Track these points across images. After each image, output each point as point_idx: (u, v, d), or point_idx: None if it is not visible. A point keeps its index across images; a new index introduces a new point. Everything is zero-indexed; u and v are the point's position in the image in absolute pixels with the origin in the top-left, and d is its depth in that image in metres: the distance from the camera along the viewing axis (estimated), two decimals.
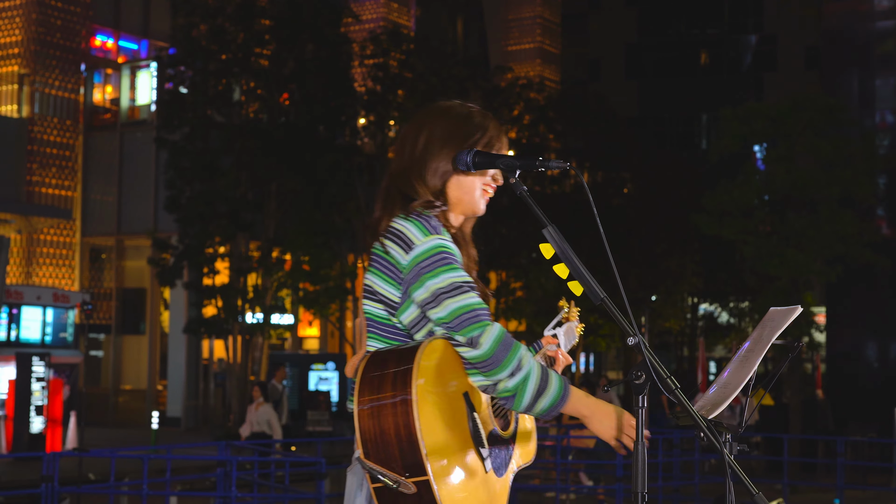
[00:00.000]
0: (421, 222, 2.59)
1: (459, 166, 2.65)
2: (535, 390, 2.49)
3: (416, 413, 2.38)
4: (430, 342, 2.48)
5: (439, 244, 2.57)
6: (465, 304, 2.51)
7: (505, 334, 2.50)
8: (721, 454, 2.41)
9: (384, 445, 2.41)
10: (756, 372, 2.81)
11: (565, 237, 2.49)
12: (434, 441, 2.40)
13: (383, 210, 2.70)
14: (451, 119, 2.73)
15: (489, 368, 2.47)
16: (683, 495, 14.42)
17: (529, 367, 2.49)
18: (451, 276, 2.54)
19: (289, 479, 11.91)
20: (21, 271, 26.98)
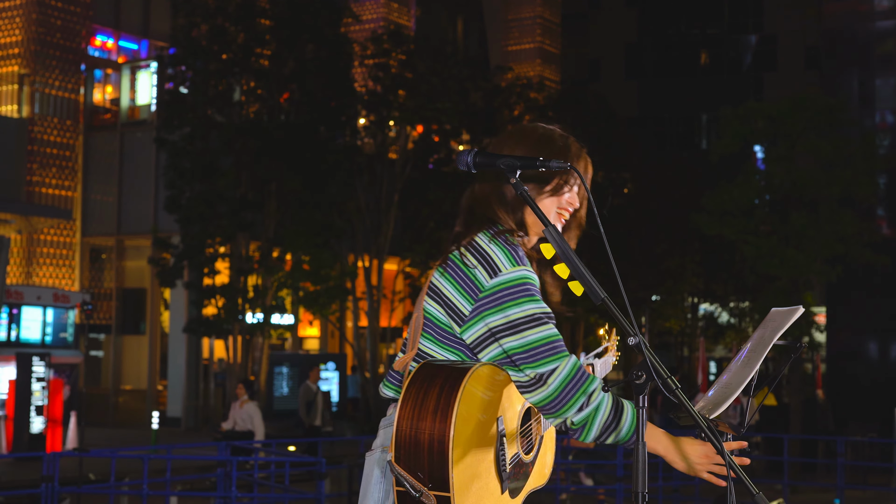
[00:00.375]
0: (509, 250, 2.61)
1: (460, 167, 2.65)
2: (602, 425, 2.56)
3: (452, 433, 2.43)
4: (480, 367, 2.52)
5: (524, 275, 2.59)
6: (543, 335, 2.54)
7: (577, 371, 2.53)
8: (721, 454, 2.41)
9: (416, 454, 2.47)
10: (758, 371, 2.81)
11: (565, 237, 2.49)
12: (462, 461, 2.46)
13: (466, 228, 2.71)
14: (532, 145, 2.74)
15: (555, 410, 2.53)
16: (683, 495, 14.43)
17: (598, 401, 2.54)
18: (532, 308, 2.56)
19: (289, 479, 11.91)
20: (21, 271, 26.98)
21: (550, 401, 2.52)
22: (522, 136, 2.78)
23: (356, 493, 12.88)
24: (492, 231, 2.65)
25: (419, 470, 2.47)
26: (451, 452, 2.42)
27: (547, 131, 2.80)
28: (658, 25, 48.90)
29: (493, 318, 2.56)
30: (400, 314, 30.55)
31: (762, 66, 47.12)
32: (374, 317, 26.34)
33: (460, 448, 2.45)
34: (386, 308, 28.88)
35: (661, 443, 2.65)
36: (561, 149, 2.75)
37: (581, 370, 2.54)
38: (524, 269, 2.60)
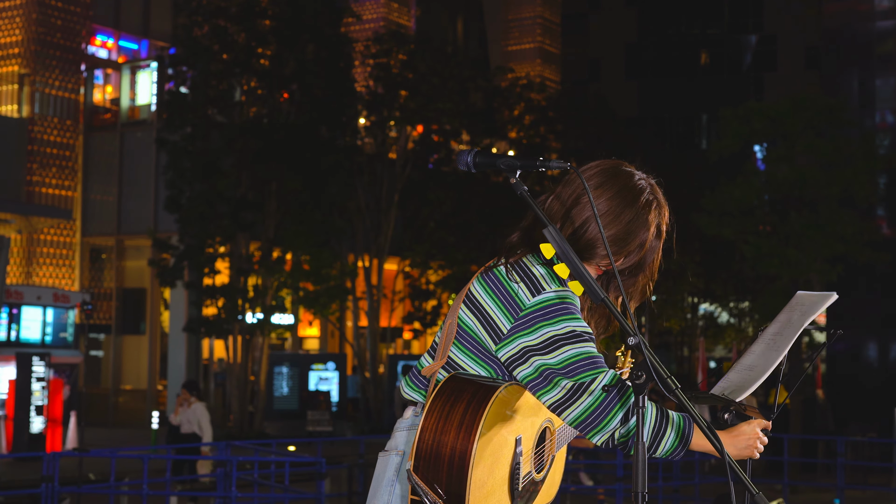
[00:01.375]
0: (554, 273, 2.60)
1: (460, 167, 2.65)
2: (650, 437, 2.52)
3: (474, 450, 2.43)
4: (508, 386, 2.52)
5: (566, 295, 2.57)
6: (582, 351, 2.52)
7: (618, 381, 2.50)
8: (721, 454, 2.41)
9: (435, 466, 2.48)
10: (785, 357, 2.81)
11: (565, 237, 2.49)
12: (480, 479, 2.46)
13: (522, 243, 2.68)
14: (621, 201, 2.69)
15: (597, 423, 2.49)
16: (683, 495, 14.42)
17: (646, 411, 2.50)
18: (572, 325, 2.54)
19: (289, 479, 11.90)
20: (21, 271, 26.98)
21: (590, 412, 2.48)
22: (615, 179, 2.72)
23: (356, 493, 12.89)
24: (543, 259, 2.61)
25: (437, 482, 2.48)
26: (470, 469, 2.43)
27: (639, 185, 2.74)
28: (658, 25, 48.90)
29: (529, 338, 2.54)
30: (400, 314, 30.56)
31: (762, 66, 47.13)
32: (374, 317, 26.34)
33: (480, 465, 2.45)
34: (386, 308, 28.88)
35: (704, 443, 2.60)
36: (642, 212, 2.70)
37: (622, 382, 2.50)
38: (565, 289, 2.58)
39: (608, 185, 2.72)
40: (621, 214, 2.69)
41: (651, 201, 2.75)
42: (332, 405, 22.80)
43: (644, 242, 2.72)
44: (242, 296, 22.29)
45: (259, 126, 22.61)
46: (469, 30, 41.92)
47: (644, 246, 2.72)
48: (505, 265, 2.63)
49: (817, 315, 2.81)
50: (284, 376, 23.77)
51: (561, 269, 2.53)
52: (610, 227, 2.67)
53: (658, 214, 2.76)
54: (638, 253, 2.73)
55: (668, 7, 48.71)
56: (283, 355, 25.66)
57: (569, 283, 2.59)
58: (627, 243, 2.69)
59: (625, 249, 2.69)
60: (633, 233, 2.69)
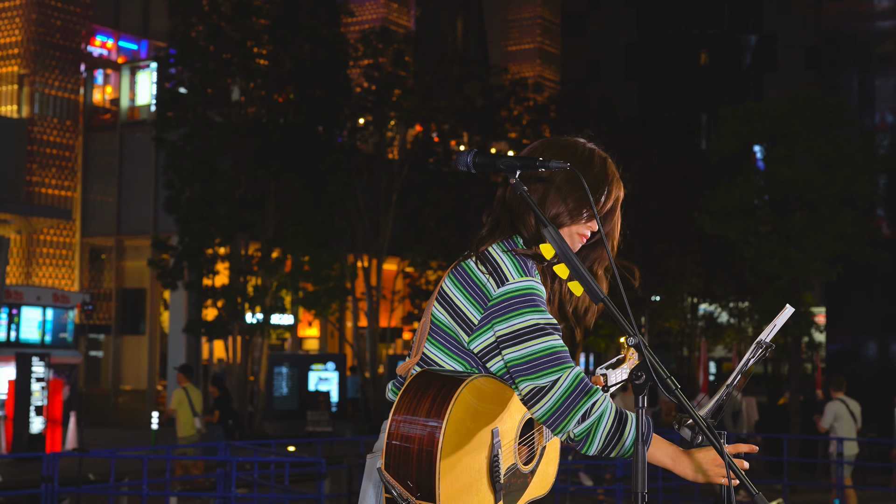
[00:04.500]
0: (518, 262, 2.59)
1: (460, 167, 2.64)
2: (606, 437, 2.49)
3: (441, 442, 2.41)
4: (478, 377, 2.50)
5: (530, 286, 2.56)
6: (545, 346, 2.51)
7: (579, 381, 2.48)
8: (721, 454, 2.40)
9: (405, 462, 2.46)
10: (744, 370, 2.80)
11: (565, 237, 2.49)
12: (451, 471, 2.43)
13: (490, 234, 2.68)
14: (578, 165, 2.70)
15: (558, 423, 2.48)
16: (683, 495, 14.42)
17: (601, 411, 2.48)
18: (536, 318, 2.53)
19: (289, 479, 11.90)
20: (21, 271, 26.97)
21: (552, 413, 2.47)
22: (559, 151, 2.75)
23: (356, 493, 12.87)
24: (507, 244, 2.62)
25: (408, 478, 2.45)
26: (438, 462, 2.40)
27: (586, 152, 2.77)
28: (658, 25, 48.90)
29: (500, 328, 2.54)
30: (399, 314, 30.55)
31: (762, 66, 47.12)
32: (373, 317, 26.33)
33: (450, 458, 2.43)
34: (385, 308, 28.87)
35: (667, 454, 2.59)
36: (598, 174, 2.72)
37: (584, 381, 2.49)
38: (531, 279, 2.57)
39: (565, 152, 2.75)
40: (586, 171, 2.70)
41: (604, 161, 2.77)
42: (332, 405, 22.79)
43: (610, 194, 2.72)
44: (242, 296, 22.28)
45: (257, 126, 22.60)
46: (469, 30, 41.92)
47: (610, 196, 2.73)
48: (472, 257, 2.63)
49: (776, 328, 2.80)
50: (284, 377, 23.76)
51: (561, 270, 2.52)
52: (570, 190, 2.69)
53: (612, 177, 2.76)
54: (610, 209, 2.73)
55: (668, 7, 48.70)
56: (283, 356, 25.65)
57: (568, 283, 2.58)
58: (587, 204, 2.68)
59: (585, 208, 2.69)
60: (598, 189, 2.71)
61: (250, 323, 22.64)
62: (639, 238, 32.00)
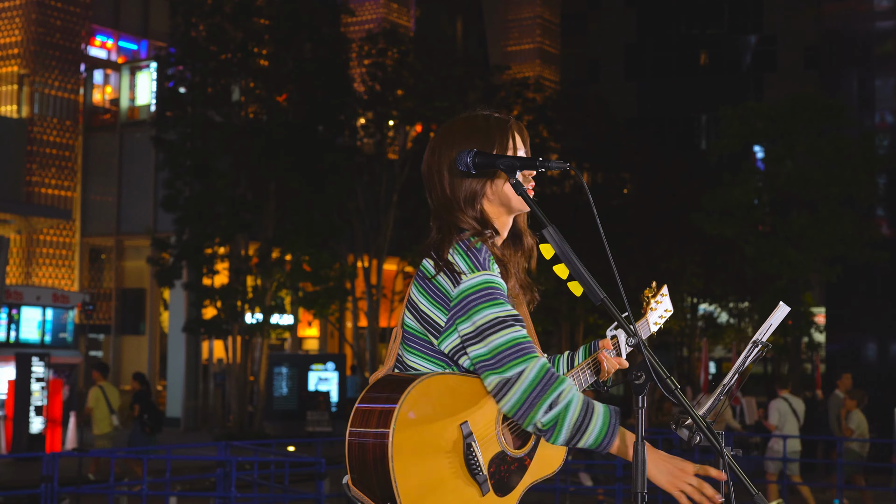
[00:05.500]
0: (469, 257, 2.59)
1: (460, 167, 2.65)
2: (573, 426, 2.46)
3: (391, 445, 2.40)
4: (434, 375, 2.51)
5: (486, 280, 2.56)
6: (509, 338, 2.50)
7: (545, 372, 2.47)
8: (720, 454, 2.40)
9: (366, 475, 2.47)
10: (741, 369, 2.80)
11: (565, 237, 2.49)
12: (411, 472, 2.43)
13: (439, 233, 2.70)
14: (461, 141, 2.72)
15: (525, 414, 2.46)
16: None
17: (568, 400, 2.46)
18: (495, 311, 2.52)
19: (289, 479, 11.90)
20: (21, 271, 26.97)
21: (520, 404, 2.45)
22: (449, 134, 2.76)
23: None
24: (459, 244, 2.62)
25: (371, 489, 2.45)
26: (392, 465, 2.39)
27: (468, 120, 2.77)
28: (658, 25, 48.90)
29: (463, 327, 2.54)
30: (399, 314, 30.53)
31: (762, 66, 47.12)
32: (373, 317, 26.33)
33: (406, 459, 2.42)
34: (385, 308, 28.87)
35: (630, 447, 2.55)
36: (484, 132, 2.72)
37: (549, 371, 2.47)
38: (485, 273, 2.56)
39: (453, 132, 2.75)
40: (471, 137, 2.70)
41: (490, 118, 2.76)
42: (332, 405, 22.79)
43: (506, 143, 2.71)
44: (242, 296, 22.28)
45: (258, 126, 22.60)
46: (469, 30, 41.92)
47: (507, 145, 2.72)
48: (427, 261, 2.65)
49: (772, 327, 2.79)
50: (284, 377, 23.77)
51: (560, 270, 2.52)
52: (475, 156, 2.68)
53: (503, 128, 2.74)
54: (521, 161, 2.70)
55: (667, 7, 48.70)
56: (283, 356, 25.65)
57: (568, 283, 2.58)
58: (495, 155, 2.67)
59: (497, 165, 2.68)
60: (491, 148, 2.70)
61: (250, 323, 22.64)
62: (639, 238, 32.03)
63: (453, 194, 2.70)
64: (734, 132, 21.24)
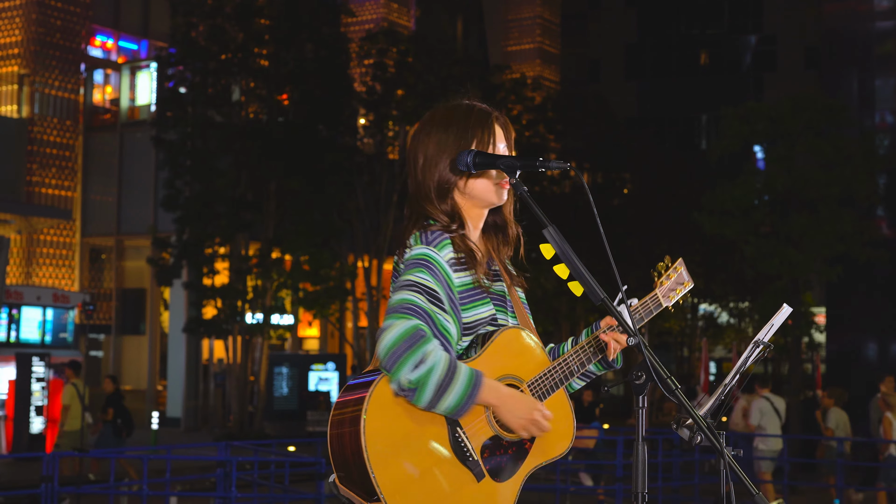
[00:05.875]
0: (422, 237, 2.65)
1: (460, 167, 2.65)
2: (437, 384, 2.43)
3: (363, 438, 2.41)
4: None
5: (423, 252, 2.61)
6: (404, 297, 2.53)
7: (415, 331, 2.45)
8: (720, 454, 2.41)
9: (347, 471, 2.47)
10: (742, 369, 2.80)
11: (565, 237, 2.49)
12: (391, 464, 2.42)
13: (407, 221, 2.75)
14: (439, 130, 2.74)
15: (390, 367, 2.43)
16: (683, 495, 14.41)
17: (435, 360, 2.44)
18: (412, 276, 2.57)
19: (289, 479, 11.90)
20: (21, 271, 26.97)
21: (387, 355, 2.43)
22: (429, 123, 2.79)
23: None
24: (422, 234, 2.66)
25: (355, 486, 2.46)
26: (367, 458, 2.40)
27: (449, 109, 2.80)
28: (658, 25, 48.89)
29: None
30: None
31: (762, 66, 47.11)
32: (373, 317, 26.32)
33: (383, 449, 2.42)
34: (385, 308, 28.84)
35: (492, 394, 2.52)
36: (463, 123, 2.74)
37: (421, 331, 2.45)
38: (427, 248, 2.61)
39: (433, 120, 2.79)
40: (449, 128, 2.73)
41: (470, 108, 2.78)
42: (332, 405, 22.79)
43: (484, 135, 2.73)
44: (242, 296, 22.28)
45: (258, 126, 22.60)
46: (469, 30, 41.91)
47: (485, 136, 2.73)
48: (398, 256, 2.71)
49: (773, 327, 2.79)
50: (284, 377, 23.76)
51: (561, 270, 2.52)
52: (442, 150, 2.71)
53: (480, 123, 2.75)
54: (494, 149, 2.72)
55: (668, 7, 48.69)
56: (283, 356, 25.65)
57: (568, 283, 2.58)
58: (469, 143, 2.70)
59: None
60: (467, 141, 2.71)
61: (250, 323, 22.64)
62: (639, 238, 32.02)
63: (425, 182, 2.72)
64: (734, 132, 21.23)
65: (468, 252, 2.68)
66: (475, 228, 2.77)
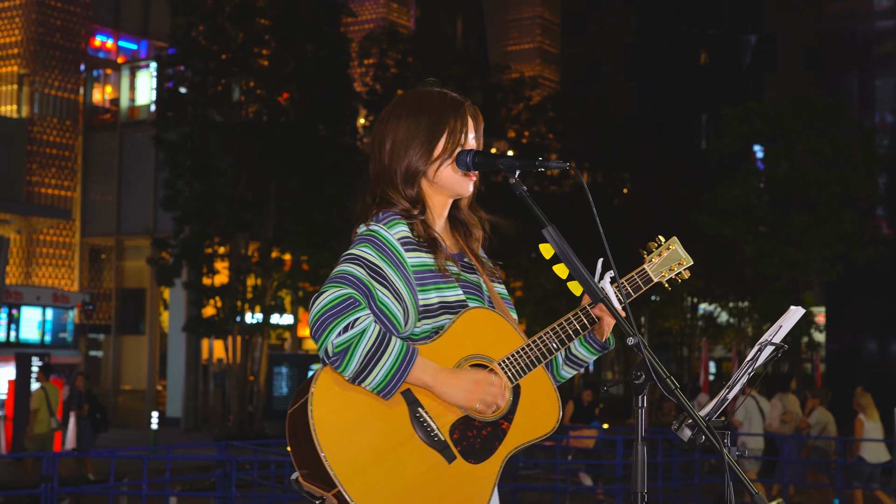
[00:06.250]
0: (373, 218, 2.63)
1: (459, 167, 2.64)
2: (366, 352, 2.38)
3: (312, 424, 2.37)
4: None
5: (372, 230, 2.59)
6: (341, 269, 2.49)
7: (346, 298, 2.41)
8: (720, 454, 2.40)
9: (305, 464, 2.43)
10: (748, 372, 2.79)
11: (565, 237, 2.49)
12: (346, 449, 2.38)
13: (368, 205, 2.72)
14: (410, 116, 2.70)
15: (319, 334, 2.40)
16: (683, 495, 14.41)
17: (364, 327, 2.40)
18: (354, 251, 2.54)
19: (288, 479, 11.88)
20: (21, 271, 26.97)
21: (316, 320, 2.39)
22: (400, 107, 2.74)
23: None
24: (377, 212, 2.65)
25: (314, 476, 2.42)
26: (317, 443, 2.36)
27: (422, 95, 2.74)
28: (658, 25, 48.89)
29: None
30: None
31: (762, 66, 47.12)
32: None
33: (333, 435, 2.37)
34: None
35: (427, 371, 2.46)
36: (436, 110, 2.70)
37: (351, 299, 2.41)
38: (377, 226, 2.59)
39: (404, 105, 2.74)
40: (420, 114, 2.69)
41: (447, 104, 2.72)
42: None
43: (457, 124, 2.69)
44: (241, 296, 22.29)
45: (258, 126, 22.61)
46: (469, 30, 41.90)
47: (457, 126, 2.69)
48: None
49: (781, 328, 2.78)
50: (284, 376, 23.77)
51: (560, 270, 2.52)
52: (413, 135, 2.68)
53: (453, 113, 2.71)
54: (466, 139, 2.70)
55: (668, 7, 48.70)
56: (283, 355, 25.65)
57: (568, 283, 2.58)
58: (436, 138, 2.67)
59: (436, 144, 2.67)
60: (440, 128, 2.67)
61: (250, 323, 22.65)
62: (639, 238, 32.03)
63: (391, 167, 2.69)
64: (734, 132, 21.25)
65: (428, 238, 2.64)
66: (438, 217, 2.74)
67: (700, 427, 2.43)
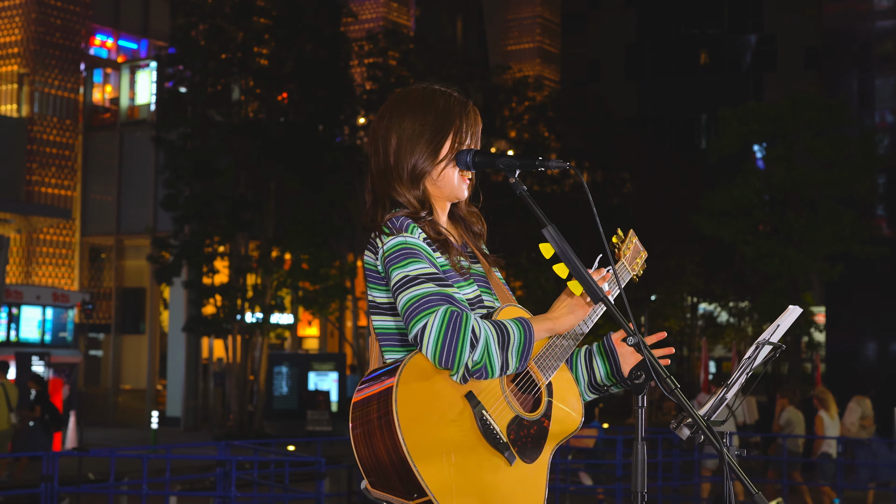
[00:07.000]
0: (388, 226, 2.60)
1: (459, 166, 2.64)
2: (499, 349, 2.41)
3: (401, 439, 2.34)
4: (410, 358, 2.43)
5: (399, 241, 2.55)
6: (413, 295, 2.44)
7: (449, 316, 2.39)
8: (720, 454, 2.40)
9: (383, 472, 2.40)
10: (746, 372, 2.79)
11: (565, 237, 2.49)
12: (432, 459, 2.37)
13: (373, 206, 2.71)
14: (416, 113, 2.67)
15: (449, 363, 2.38)
16: (683, 495, 14.41)
17: (485, 332, 2.41)
18: (404, 271, 2.49)
19: (289, 478, 11.90)
20: (21, 271, 26.97)
21: (439, 353, 2.37)
22: (403, 104, 2.71)
23: (356, 493, 12.87)
24: (388, 214, 2.63)
25: (394, 487, 2.40)
26: (409, 457, 2.34)
27: (427, 93, 2.71)
28: (658, 25, 48.89)
29: (393, 289, 2.51)
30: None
31: (762, 66, 47.12)
32: None
33: (421, 448, 2.36)
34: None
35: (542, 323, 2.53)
36: (442, 110, 2.68)
37: (453, 314, 2.39)
38: (400, 235, 2.56)
39: (408, 101, 2.70)
40: (427, 112, 2.66)
41: (452, 106, 2.70)
42: (332, 405, 22.79)
43: (461, 127, 2.67)
44: (241, 295, 22.29)
45: (257, 125, 22.61)
46: (469, 30, 41.91)
47: (461, 128, 2.67)
48: (368, 251, 2.66)
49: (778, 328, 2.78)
50: (284, 376, 23.76)
51: (560, 269, 2.52)
52: (419, 134, 2.65)
53: (460, 113, 2.69)
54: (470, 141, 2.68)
55: (667, 7, 48.70)
56: (283, 355, 25.65)
57: (568, 282, 2.58)
58: (443, 139, 2.65)
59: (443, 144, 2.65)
60: (446, 129, 2.65)
61: (250, 322, 22.65)
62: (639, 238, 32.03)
63: (396, 165, 2.67)
64: (734, 132, 21.26)
65: (439, 239, 2.63)
66: (442, 216, 2.74)
67: (700, 427, 2.43)
